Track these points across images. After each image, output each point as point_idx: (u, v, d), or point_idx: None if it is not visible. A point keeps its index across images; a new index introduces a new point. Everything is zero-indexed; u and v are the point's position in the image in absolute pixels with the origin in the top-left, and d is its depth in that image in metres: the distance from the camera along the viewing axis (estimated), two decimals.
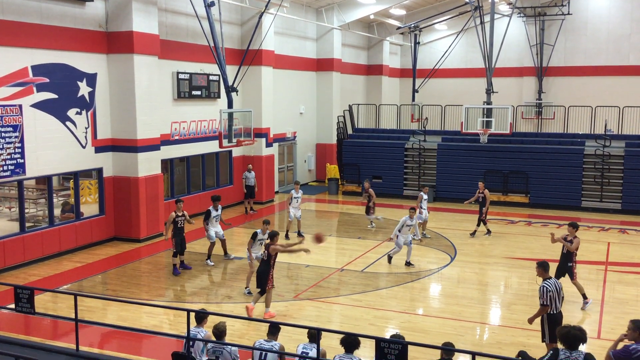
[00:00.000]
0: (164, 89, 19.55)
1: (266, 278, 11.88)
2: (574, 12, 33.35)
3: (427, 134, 26.29)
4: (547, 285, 9.42)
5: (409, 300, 13.57)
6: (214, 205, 15.93)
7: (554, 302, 9.42)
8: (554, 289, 9.42)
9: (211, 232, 15.83)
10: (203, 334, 8.35)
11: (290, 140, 27.78)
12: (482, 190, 18.87)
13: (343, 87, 31.13)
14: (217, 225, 16.00)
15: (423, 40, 36.43)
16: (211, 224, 15.84)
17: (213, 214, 15.83)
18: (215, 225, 15.93)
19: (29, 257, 15.33)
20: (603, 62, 33.58)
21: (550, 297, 9.39)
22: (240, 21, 23.62)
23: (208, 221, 15.82)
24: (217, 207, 15.94)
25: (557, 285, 9.51)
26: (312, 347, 7.77)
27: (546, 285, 9.42)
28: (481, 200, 18.83)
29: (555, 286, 9.46)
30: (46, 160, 15.67)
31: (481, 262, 16.54)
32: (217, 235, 15.96)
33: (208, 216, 15.82)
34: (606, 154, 23.11)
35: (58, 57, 15.86)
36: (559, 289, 9.50)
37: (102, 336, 11.26)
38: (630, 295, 13.77)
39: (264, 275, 11.88)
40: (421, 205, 18.60)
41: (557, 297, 9.43)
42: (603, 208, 23.10)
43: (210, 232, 15.83)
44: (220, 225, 16.08)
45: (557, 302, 9.45)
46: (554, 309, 9.43)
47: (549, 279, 9.53)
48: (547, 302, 9.41)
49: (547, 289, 9.39)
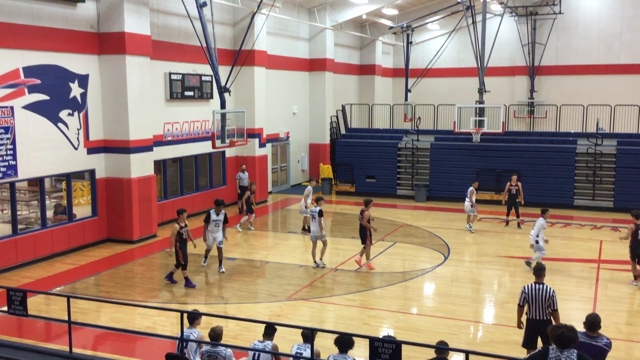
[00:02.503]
0: (157, 89, 19.51)
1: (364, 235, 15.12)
2: (565, 12, 33.52)
3: (420, 134, 26.34)
4: (526, 288, 9.25)
5: (402, 299, 13.59)
6: (216, 209, 15.00)
7: (529, 305, 9.20)
8: (531, 293, 9.16)
9: (209, 238, 15.02)
10: (196, 334, 8.35)
11: (283, 140, 27.77)
12: (515, 183, 19.94)
13: (336, 87, 31.15)
14: (217, 231, 15.02)
15: (415, 40, 36.52)
16: (210, 229, 15.01)
17: (213, 217, 14.91)
18: (215, 230, 15.00)
19: (21, 259, 15.26)
20: (594, 61, 33.76)
21: (525, 299, 9.24)
22: (233, 21, 23.60)
23: (207, 224, 15.07)
24: (218, 212, 14.96)
25: (541, 292, 9.12)
26: (306, 347, 7.77)
27: (525, 288, 9.26)
28: (514, 192, 19.87)
29: (536, 292, 9.14)
30: (38, 162, 15.60)
31: (475, 261, 16.59)
32: (216, 242, 15.10)
33: (208, 219, 15.01)
34: (598, 153, 23.22)
35: (50, 59, 15.80)
36: (540, 296, 9.10)
37: (95, 338, 11.22)
38: (623, 293, 13.84)
39: (363, 232, 15.12)
40: (472, 200, 19.59)
41: (535, 303, 9.13)
42: (595, 206, 23.20)
43: (208, 238, 15.03)
44: (221, 232, 15.06)
45: (535, 307, 9.15)
46: (532, 313, 9.20)
47: (537, 284, 9.23)
48: (520, 303, 9.35)
49: (523, 291, 9.27)
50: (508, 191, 20.01)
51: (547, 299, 9.08)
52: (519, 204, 20.03)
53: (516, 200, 19.90)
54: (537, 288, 9.19)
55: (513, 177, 20.25)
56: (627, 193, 22.71)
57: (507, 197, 20.06)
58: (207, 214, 15.09)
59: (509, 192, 20.00)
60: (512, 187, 19.91)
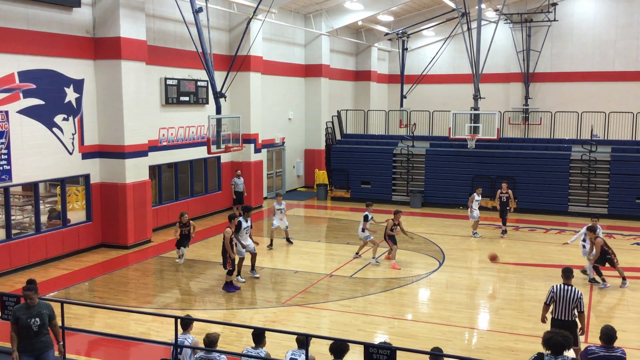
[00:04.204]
0: (152, 94, 19.49)
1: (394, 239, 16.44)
2: (560, 19, 33.67)
3: (415, 140, 26.39)
4: (554, 288, 9.58)
5: (397, 305, 13.58)
6: (245, 216, 14.85)
7: (555, 305, 9.51)
8: (559, 293, 9.47)
9: (240, 246, 14.70)
10: (190, 340, 8.33)
11: (278, 146, 27.77)
12: (506, 190, 19.95)
13: (331, 93, 31.20)
14: (248, 238, 14.94)
15: (411, 47, 36.63)
16: (241, 237, 14.71)
17: (243, 225, 14.70)
18: (246, 238, 14.85)
19: (15, 264, 15.19)
20: (589, 68, 33.92)
21: (552, 298, 9.54)
22: (229, 27, 23.63)
23: (238, 233, 14.63)
24: (247, 219, 14.89)
25: (569, 293, 9.45)
26: (301, 353, 7.76)
27: (553, 287, 9.59)
28: (505, 200, 19.84)
29: (564, 292, 9.46)
30: (33, 167, 15.56)
31: (469, 267, 16.60)
32: (248, 249, 14.92)
33: (239, 228, 14.63)
34: (592, 159, 23.30)
35: (45, 63, 15.79)
36: (568, 297, 9.42)
37: (89, 344, 11.18)
38: (617, 299, 13.87)
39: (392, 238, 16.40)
40: (472, 206, 19.74)
41: (561, 303, 9.45)
42: (590, 213, 23.13)
43: (239, 246, 14.65)
44: (250, 239, 15.06)
45: (561, 307, 9.46)
46: (558, 313, 9.49)
47: (565, 285, 9.57)
48: (547, 301, 9.62)
49: (552, 290, 9.57)
50: (499, 199, 20.02)
51: (575, 300, 9.41)
52: (509, 211, 20.02)
53: (506, 208, 19.90)
54: (565, 289, 9.52)
55: (503, 184, 20.25)
56: (621, 200, 22.79)
57: (499, 204, 20.05)
58: (238, 224, 14.66)
59: (499, 200, 20.01)
60: (503, 194, 19.90)
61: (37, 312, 8.07)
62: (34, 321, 7.99)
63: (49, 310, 8.24)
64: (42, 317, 8.08)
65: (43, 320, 8.08)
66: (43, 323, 8.07)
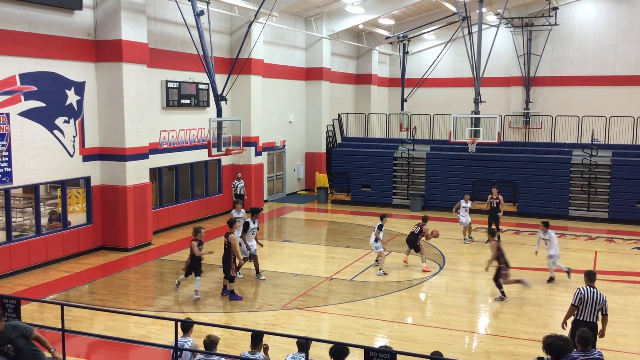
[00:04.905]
0: (153, 97, 19.51)
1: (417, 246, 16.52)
2: (560, 23, 33.71)
3: (415, 143, 26.39)
4: (582, 290, 9.60)
5: (397, 309, 13.57)
6: (253, 217, 15.02)
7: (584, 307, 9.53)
8: (587, 295, 9.50)
9: (245, 247, 14.81)
10: (190, 343, 8.32)
11: (279, 149, 27.78)
12: (496, 196, 19.66)
13: (332, 96, 31.22)
14: (253, 239, 15.04)
15: (412, 50, 36.67)
16: (248, 238, 14.84)
17: (251, 225, 14.86)
18: (251, 239, 14.96)
19: (15, 266, 15.19)
20: (590, 72, 33.96)
21: (580, 300, 9.55)
22: (230, 30, 23.66)
23: (246, 234, 14.78)
24: (255, 220, 15.03)
25: (595, 295, 9.51)
26: (301, 357, 7.76)
27: (581, 289, 9.61)
28: (495, 205, 19.58)
29: (591, 294, 9.50)
30: (33, 169, 15.57)
31: (470, 271, 16.58)
32: (250, 251, 15.00)
33: (246, 229, 14.83)
34: (593, 164, 23.30)
35: (46, 66, 15.80)
36: (594, 299, 9.48)
37: (89, 346, 11.17)
38: (617, 304, 13.82)
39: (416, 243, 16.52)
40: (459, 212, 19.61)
41: (588, 305, 9.50)
42: (590, 217, 23.25)
43: (244, 246, 14.73)
44: (255, 240, 15.15)
45: (587, 309, 9.51)
46: (584, 315, 9.52)
47: (590, 287, 9.62)
48: (575, 303, 9.60)
49: (579, 292, 9.59)
50: (489, 204, 19.64)
51: (600, 302, 9.52)
52: (498, 217, 19.54)
53: (497, 214, 19.46)
54: (591, 291, 9.58)
55: (494, 190, 19.84)
56: (622, 204, 22.78)
57: (489, 209, 19.67)
58: (245, 224, 14.81)
59: (490, 205, 19.63)
60: (493, 200, 19.50)
61: (6, 339, 7.31)
62: (7, 348, 7.28)
63: (19, 331, 7.43)
64: (14, 341, 7.32)
65: (17, 344, 7.34)
66: (18, 346, 7.34)
